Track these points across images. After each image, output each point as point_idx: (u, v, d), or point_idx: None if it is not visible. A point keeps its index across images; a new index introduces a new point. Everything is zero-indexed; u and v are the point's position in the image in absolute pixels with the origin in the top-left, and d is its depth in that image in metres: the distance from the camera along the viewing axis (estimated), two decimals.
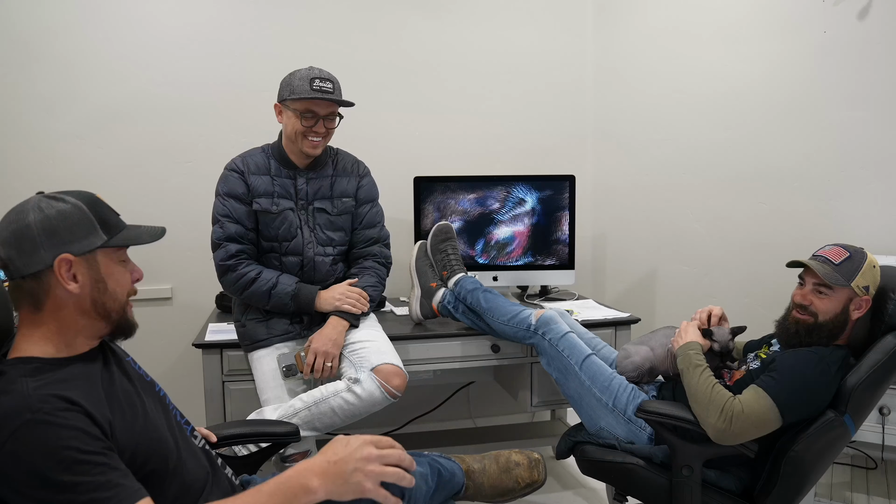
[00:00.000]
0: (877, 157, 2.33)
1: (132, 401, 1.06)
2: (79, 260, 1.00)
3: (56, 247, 0.98)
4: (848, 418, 1.53)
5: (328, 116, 1.89)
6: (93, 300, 1.02)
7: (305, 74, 1.86)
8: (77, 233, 1.00)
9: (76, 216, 1.00)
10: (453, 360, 2.16)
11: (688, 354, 1.68)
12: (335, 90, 1.88)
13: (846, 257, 1.61)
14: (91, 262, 1.01)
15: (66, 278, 0.99)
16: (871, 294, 1.61)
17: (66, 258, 0.98)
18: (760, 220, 2.59)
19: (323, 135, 1.90)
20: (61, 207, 1.00)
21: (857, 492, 2.28)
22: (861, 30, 2.31)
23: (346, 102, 1.89)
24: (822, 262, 1.62)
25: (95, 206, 1.04)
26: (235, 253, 1.90)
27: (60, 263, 0.98)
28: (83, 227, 1.01)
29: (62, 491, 0.87)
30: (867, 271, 1.60)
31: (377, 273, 2.04)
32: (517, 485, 1.48)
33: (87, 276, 1.01)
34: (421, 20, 2.74)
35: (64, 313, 1.00)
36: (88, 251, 1.00)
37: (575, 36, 2.92)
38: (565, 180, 2.53)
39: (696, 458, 1.59)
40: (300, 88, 1.84)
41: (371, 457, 0.97)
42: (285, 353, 1.89)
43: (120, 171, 2.52)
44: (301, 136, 1.88)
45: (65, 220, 0.99)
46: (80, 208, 1.01)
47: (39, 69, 2.42)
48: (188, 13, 2.53)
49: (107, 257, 1.03)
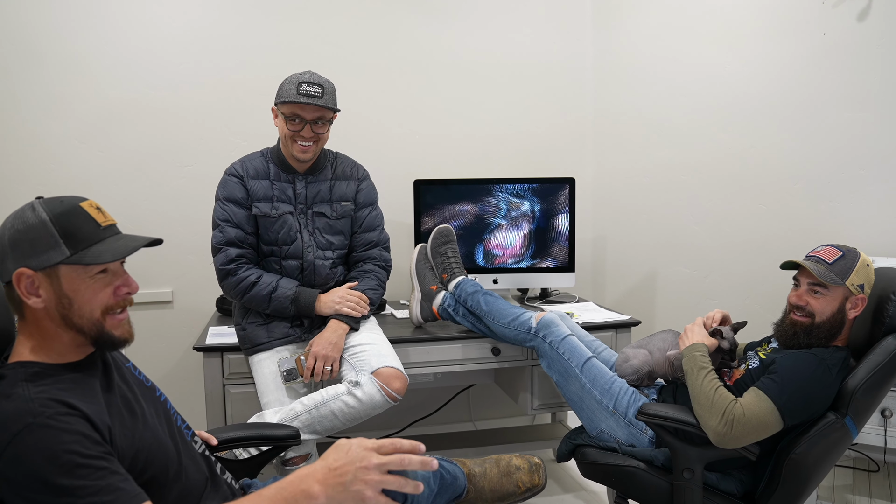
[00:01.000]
0: (876, 159, 2.33)
1: (131, 407, 1.05)
2: (39, 275, 0.98)
3: (17, 260, 0.98)
4: (849, 420, 1.53)
5: (316, 122, 1.87)
6: (61, 315, 1.00)
7: (296, 79, 1.86)
8: (37, 247, 0.98)
9: (37, 231, 0.99)
10: (454, 363, 2.16)
11: (693, 356, 1.68)
12: (323, 95, 1.85)
13: (839, 256, 1.62)
14: (53, 278, 0.99)
15: (26, 292, 0.98)
16: (866, 293, 1.61)
17: (24, 272, 0.97)
18: (760, 222, 2.60)
19: (312, 140, 1.89)
20: (29, 220, 0.99)
21: (859, 494, 2.28)
22: (860, 31, 2.32)
23: (328, 107, 1.87)
24: (816, 262, 1.63)
25: (67, 217, 1.00)
26: (235, 257, 1.90)
27: (19, 277, 0.98)
28: (43, 242, 0.98)
29: (63, 494, 0.87)
30: (861, 270, 1.61)
31: (377, 276, 2.04)
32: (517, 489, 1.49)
33: (49, 290, 0.99)
34: (419, 23, 2.75)
35: (43, 324, 1.00)
36: (47, 266, 0.98)
37: (574, 38, 2.92)
38: (565, 183, 2.54)
39: (698, 461, 1.59)
40: (287, 92, 1.84)
41: (371, 465, 0.96)
42: (286, 357, 1.89)
43: (120, 174, 2.53)
44: (290, 141, 1.88)
45: (27, 233, 0.98)
46: (43, 223, 0.99)
47: (40, 72, 2.43)
48: (189, 17, 2.53)
49: (73, 272, 1.00)
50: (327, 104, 1.85)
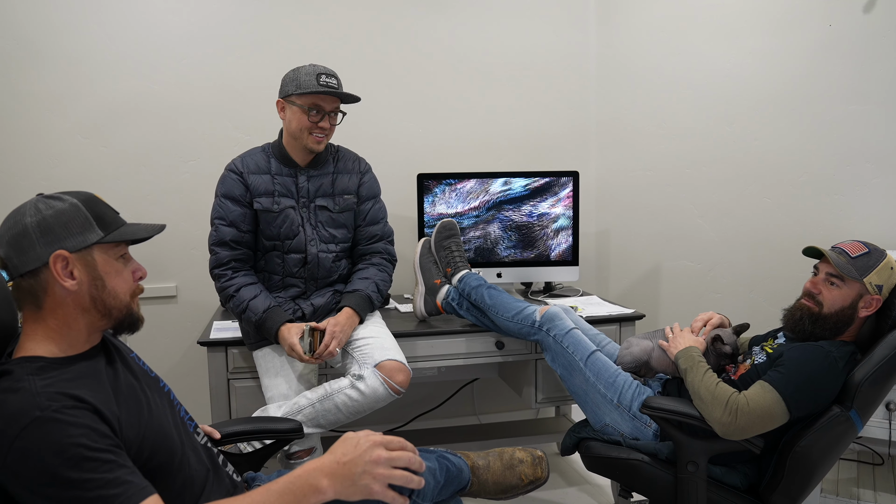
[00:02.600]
0: (882, 152, 2.32)
1: (136, 396, 1.06)
2: (75, 257, 1.00)
3: (51, 244, 0.99)
4: (854, 414, 1.52)
5: (332, 112, 1.90)
6: (92, 297, 1.01)
7: (311, 70, 1.86)
8: (72, 229, 1.00)
9: (71, 213, 1.01)
10: (457, 356, 2.16)
11: (691, 356, 1.68)
12: (340, 86, 1.89)
13: (864, 252, 1.61)
14: (88, 259, 1.01)
15: (63, 275, 0.99)
16: (882, 294, 1.60)
17: (62, 254, 0.98)
18: (764, 215, 2.59)
19: (327, 130, 1.91)
20: (57, 206, 1.01)
21: (864, 487, 2.28)
22: (866, 23, 2.30)
23: (352, 97, 1.89)
24: (839, 253, 1.62)
25: (92, 203, 1.04)
26: (225, 261, 1.91)
27: (56, 260, 0.98)
28: (78, 224, 1.01)
29: (71, 488, 0.87)
30: (883, 270, 1.59)
31: (385, 269, 2.05)
32: (520, 481, 1.49)
33: (84, 272, 1.01)
34: (423, 18, 2.74)
35: (64, 311, 1.00)
36: (84, 247, 1.00)
37: (578, 32, 2.91)
38: (569, 176, 2.53)
39: (702, 454, 1.59)
40: (307, 83, 1.84)
41: (380, 459, 0.97)
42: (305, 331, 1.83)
43: (124, 169, 2.53)
44: (307, 132, 1.88)
45: (60, 217, 1.00)
46: (75, 206, 1.02)
47: (43, 68, 2.43)
48: (191, 11, 2.53)
49: (104, 254, 1.03)
50: (348, 93, 1.88)
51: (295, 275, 1.98)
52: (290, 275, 1.98)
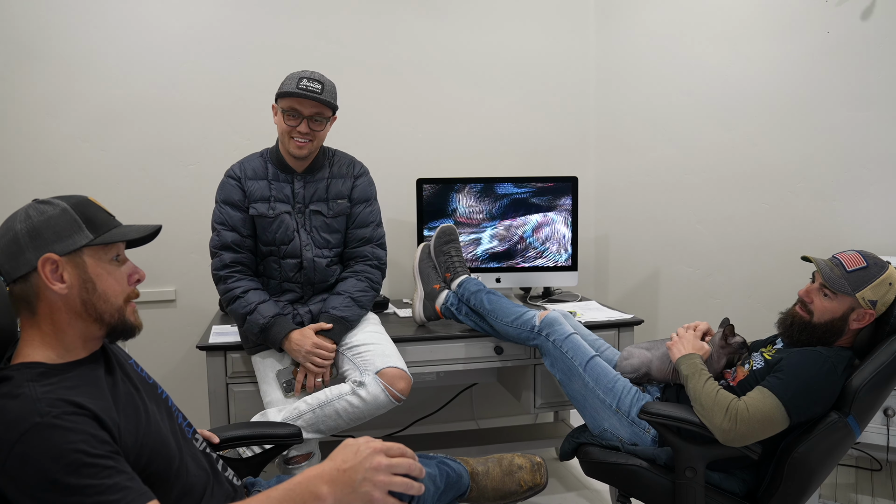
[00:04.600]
0: (880, 158, 2.33)
1: (135, 404, 1.06)
2: (64, 260, 1.00)
3: (40, 248, 0.99)
4: (852, 420, 1.52)
5: (314, 118, 1.87)
6: (82, 301, 1.01)
7: (297, 74, 1.87)
8: (61, 233, 1.00)
9: (59, 217, 1.01)
10: (456, 361, 2.17)
11: (693, 363, 1.68)
12: (323, 91, 1.85)
13: (861, 266, 1.57)
14: (78, 262, 1.01)
15: (52, 279, 0.99)
16: (877, 310, 1.58)
17: (50, 258, 0.99)
18: (763, 221, 2.59)
19: (308, 136, 1.88)
20: (48, 211, 1.01)
21: (862, 493, 2.28)
22: (864, 30, 2.31)
23: (327, 102, 1.86)
24: (835, 265, 1.61)
25: (83, 206, 1.04)
26: (229, 263, 1.91)
27: (44, 263, 0.98)
28: (67, 227, 1.01)
29: (70, 494, 0.87)
30: (880, 286, 1.56)
31: (368, 277, 2.01)
32: (519, 488, 1.49)
33: (74, 275, 1.00)
34: (422, 22, 2.75)
35: (57, 316, 1.01)
36: (73, 250, 1.00)
37: (577, 37, 2.92)
38: (568, 181, 2.54)
39: (700, 460, 1.59)
40: (287, 86, 1.85)
41: (381, 466, 0.97)
42: (282, 370, 1.89)
43: (122, 173, 2.53)
44: (287, 136, 1.89)
45: (49, 222, 1.00)
46: (65, 210, 1.02)
47: (41, 71, 2.43)
48: (190, 15, 2.53)
49: (95, 257, 1.03)
50: (326, 99, 1.85)
51: (291, 279, 1.98)
52: (287, 279, 1.98)
